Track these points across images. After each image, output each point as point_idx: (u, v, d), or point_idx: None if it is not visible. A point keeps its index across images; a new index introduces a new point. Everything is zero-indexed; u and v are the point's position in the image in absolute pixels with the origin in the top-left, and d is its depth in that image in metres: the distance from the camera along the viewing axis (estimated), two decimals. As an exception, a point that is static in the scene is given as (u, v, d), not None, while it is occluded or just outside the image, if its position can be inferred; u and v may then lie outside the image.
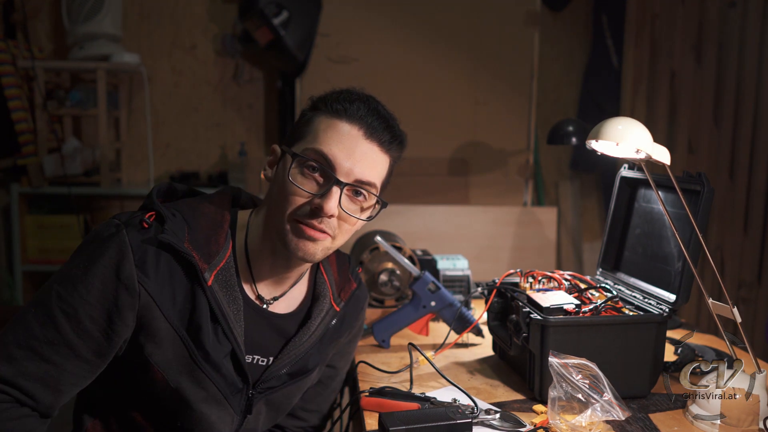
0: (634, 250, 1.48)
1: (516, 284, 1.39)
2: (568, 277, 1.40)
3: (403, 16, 3.15)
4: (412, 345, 1.33)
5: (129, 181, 3.36)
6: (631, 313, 1.25)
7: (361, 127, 1.02)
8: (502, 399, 1.23)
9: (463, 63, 3.20)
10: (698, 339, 1.57)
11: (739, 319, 1.12)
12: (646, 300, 1.31)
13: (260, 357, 1.09)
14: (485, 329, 1.52)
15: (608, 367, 1.08)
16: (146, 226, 0.98)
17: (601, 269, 1.53)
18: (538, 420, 1.12)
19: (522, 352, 1.28)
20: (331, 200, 0.99)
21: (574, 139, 2.18)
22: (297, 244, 1.01)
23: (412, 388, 1.25)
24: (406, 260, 1.59)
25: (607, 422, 1.06)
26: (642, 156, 1.14)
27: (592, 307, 1.24)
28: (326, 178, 1.01)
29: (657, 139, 1.14)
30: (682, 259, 1.25)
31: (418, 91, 3.17)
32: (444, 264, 1.84)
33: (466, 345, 1.54)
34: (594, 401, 1.03)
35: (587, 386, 1.04)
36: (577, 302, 1.25)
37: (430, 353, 1.44)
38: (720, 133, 2.80)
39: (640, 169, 1.40)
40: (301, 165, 1.02)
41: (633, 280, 1.43)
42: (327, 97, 1.06)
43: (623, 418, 1.04)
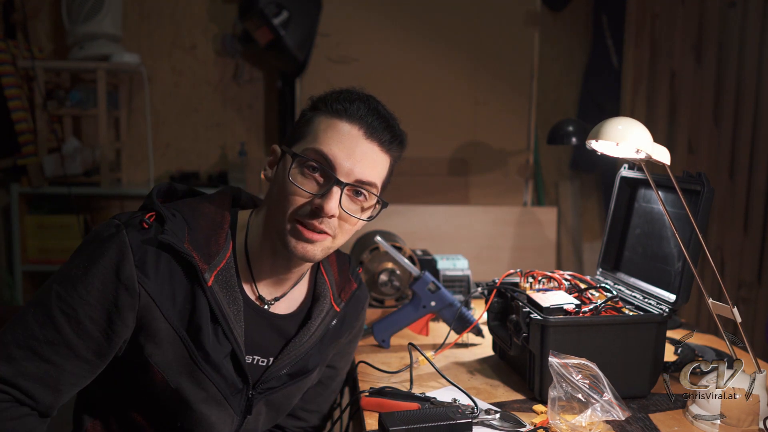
0: (634, 250, 1.48)
1: (516, 284, 1.39)
2: (568, 277, 1.40)
3: (403, 16, 3.15)
4: (412, 345, 1.33)
5: (129, 181, 3.37)
6: (631, 313, 1.25)
7: (362, 127, 1.02)
8: (502, 399, 1.23)
9: (463, 63, 3.20)
10: (698, 339, 1.57)
11: (739, 319, 1.12)
12: (646, 300, 1.31)
13: (260, 357, 1.09)
14: (485, 329, 1.52)
15: (608, 367, 1.08)
16: (146, 227, 0.98)
17: (601, 269, 1.53)
18: (538, 420, 1.12)
19: (522, 352, 1.28)
20: (332, 200, 0.99)
21: (574, 139, 2.18)
22: (296, 245, 1.01)
23: (412, 388, 1.25)
24: (406, 260, 1.59)
25: (607, 422, 1.06)
26: (642, 156, 1.14)
27: (592, 307, 1.24)
28: (326, 178, 1.01)
29: (657, 139, 1.14)
30: (682, 259, 1.25)
31: (418, 91, 3.17)
32: (444, 264, 1.84)
33: (466, 345, 1.54)
34: (594, 401, 1.03)
35: (587, 386, 1.04)
36: (577, 302, 1.25)
37: (430, 353, 1.44)
38: (720, 133, 2.80)
39: (640, 169, 1.40)
40: (301, 165, 1.01)
41: (633, 280, 1.43)
42: (327, 97, 1.05)
43: (623, 418, 1.04)
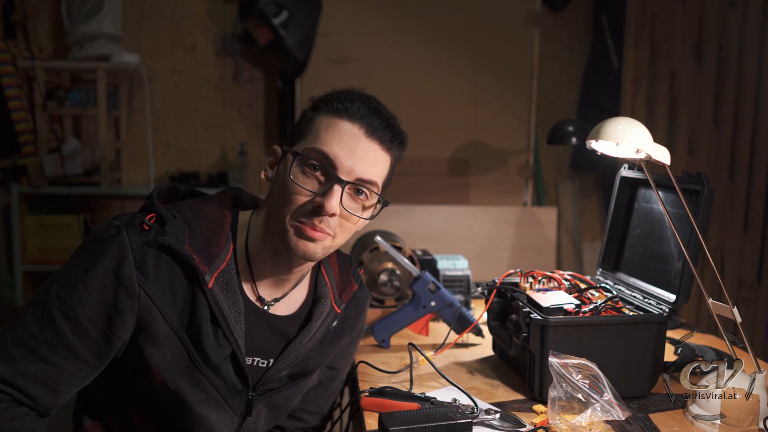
0: (634, 250, 1.48)
1: (516, 284, 1.39)
2: (568, 277, 1.40)
3: (403, 16, 3.15)
4: (412, 345, 1.33)
5: (129, 181, 3.37)
6: (631, 313, 1.25)
7: (362, 126, 1.02)
8: (502, 399, 1.23)
9: (463, 63, 3.20)
10: (698, 339, 1.57)
11: (739, 319, 1.12)
12: (646, 300, 1.31)
13: (260, 359, 1.09)
14: (485, 329, 1.52)
15: (608, 367, 1.08)
16: (146, 228, 0.98)
17: (601, 269, 1.53)
18: (538, 420, 1.12)
19: (522, 352, 1.28)
20: (333, 198, 0.99)
21: (574, 139, 2.18)
22: (297, 244, 1.01)
23: (412, 388, 1.25)
24: (406, 260, 1.59)
25: (607, 422, 1.06)
26: (642, 156, 1.14)
27: (592, 307, 1.24)
28: (327, 177, 1.01)
29: (657, 139, 1.14)
30: (682, 259, 1.25)
31: (418, 91, 3.17)
32: (444, 264, 1.84)
33: (466, 345, 1.54)
34: (594, 401, 1.03)
35: (587, 386, 1.04)
36: (577, 302, 1.25)
37: (430, 353, 1.44)
38: (720, 133, 2.80)
39: (640, 169, 1.40)
40: (302, 164, 1.02)
41: (633, 280, 1.43)
42: (328, 96, 1.06)
43: (623, 418, 1.04)
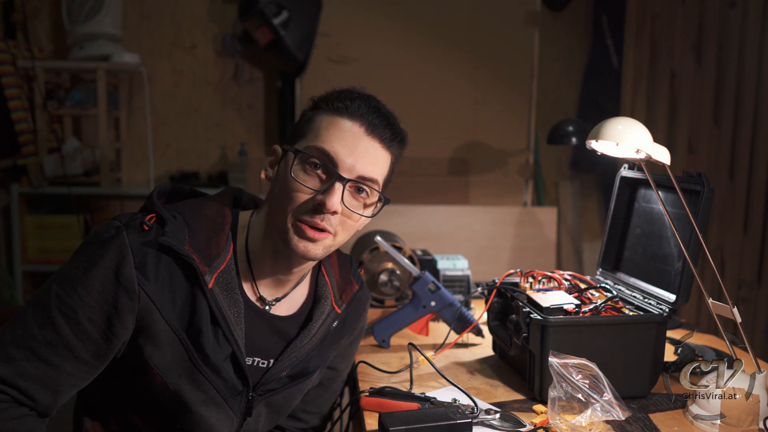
0: (634, 250, 1.48)
1: (516, 284, 1.39)
2: (568, 277, 1.40)
3: (403, 16, 3.15)
4: (412, 345, 1.33)
5: (129, 181, 3.37)
6: (631, 313, 1.25)
7: (363, 124, 1.03)
8: (502, 399, 1.23)
9: (463, 63, 3.20)
10: (698, 339, 1.57)
11: (739, 319, 1.12)
12: (646, 300, 1.31)
13: (260, 359, 1.09)
14: (485, 329, 1.52)
15: (608, 367, 1.08)
16: (146, 229, 0.98)
17: (601, 269, 1.53)
18: (538, 420, 1.12)
19: (522, 352, 1.28)
20: (334, 196, 0.99)
21: (574, 139, 2.18)
22: (297, 244, 1.01)
23: (412, 388, 1.25)
24: (406, 260, 1.59)
25: (607, 422, 1.06)
26: (642, 156, 1.14)
27: (592, 307, 1.24)
28: (329, 175, 1.01)
29: (657, 139, 1.14)
30: (682, 259, 1.25)
31: (418, 91, 3.17)
32: (444, 264, 1.84)
33: (466, 345, 1.54)
34: (594, 401, 1.03)
35: (587, 386, 1.04)
36: (577, 302, 1.25)
37: (430, 353, 1.44)
38: (720, 133, 2.80)
39: (640, 169, 1.40)
40: (303, 162, 1.02)
41: (633, 280, 1.43)
42: (328, 96, 1.06)
43: (623, 418, 1.04)
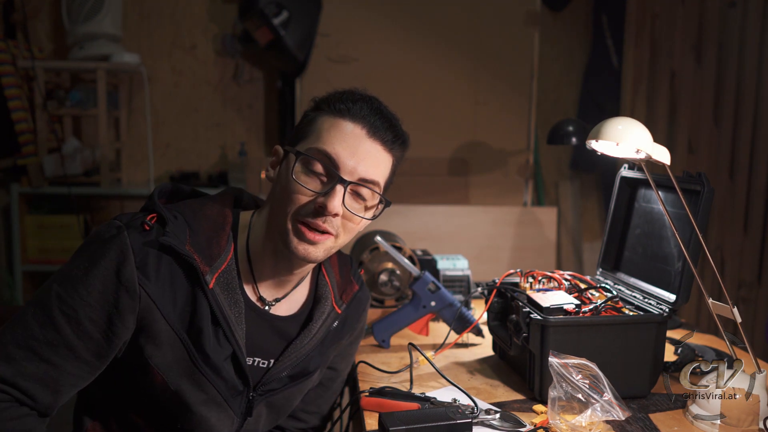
0: (634, 250, 1.48)
1: (516, 284, 1.39)
2: (568, 277, 1.40)
3: (403, 16, 3.15)
4: (412, 345, 1.33)
5: (129, 181, 3.37)
6: (631, 313, 1.25)
7: (364, 126, 1.02)
8: (502, 399, 1.23)
9: (463, 63, 3.20)
10: (698, 339, 1.57)
11: (739, 319, 1.12)
12: (646, 300, 1.31)
13: (261, 359, 1.09)
14: (485, 329, 1.52)
15: (608, 367, 1.08)
16: (147, 228, 0.98)
17: (601, 269, 1.53)
18: (538, 420, 1.12)
19: (522, 352, 1.28)
20: (335, 198, 0.99)
21: (574, 139, 2.18)
22: (297, 246, 1.01)
23: (412, 388, 1.25)
24: (406, 260, 1.59)
25: (607, 422, 1.06)
26: (642, 156, 1.14)
27: (592, 307, 1.24)
28: (330, 177, 1.01)
29: (657, 139, 1.14)
30: (682, 259, 1.25)
31: (418, 91, 3.17)
32: (444, 264, 1.84)
33: (466, 345, 1.54)
34: (594, 401, 1.03)
35: (587, 386, 1.04)
36: (577, 302, 1.25)
37: (430, 353, 1.44)
38: (720, 133, 2.80)
39: (640, 169, 1.40)
40: (304, 164, 1.02)
41: (633, 280, 1.43)
42: (330, 97, 1.06)
43: (623, 418, 1.04)
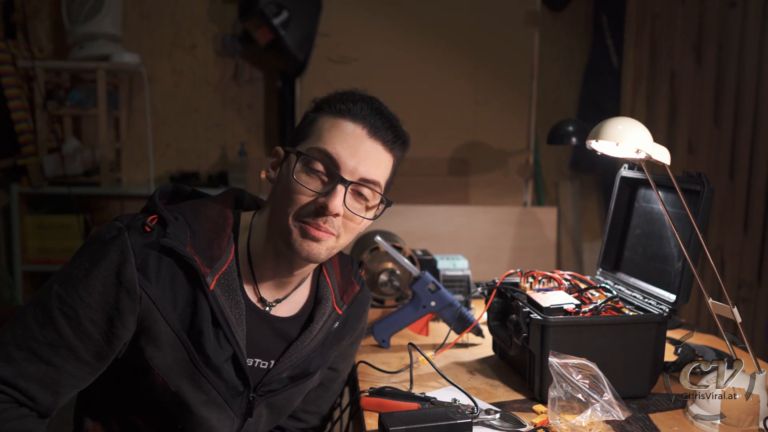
0: (634, 250, 1.48)
1: (516, 284, 1.39)
2: (568, 277, 1.40)
3: (403, 16, 3.15)
4: (412, 345, 1.33)
5: (129, 181, 3.37)
6: (631, 313, 1.25)
7: (365, 127, 1.03)
8: (502, 399, 1.23)
9: (463, 63, 3.20)
10: (698, 339, 1.57)
11: (739, 319, 1.12)
12: (646, 300, 1.31)
13: (261, 360, 1.09)
14: (485, 329, 1.52)
15: (608, 367, 1.08)
16: (148, 230, 0.98)
17: (601, 269, 1.53)
18: (538, 420, 1.12)
19: (522, 352, 1.28)
20: (336, 199, 0.99)
21: (574, 139, 2.18)
22: (301, 245, 1.01)
23: (412, 388, 1.25)
24: (406, 260, 1.59)
25: (607, 422, 1.06)
26: (642, 156, 1.14)
27: (592, 307, 1.24)
28: (331, 177, 1.01)
29: (657, 139, 1.14)
30: (682, 259, 1.25)
31: (418, 91, 3.17)
32: (444, 264, 1.84)
33: (466, 345, 1.54)
34: (594, 401, 1.03)
35: (587, 386, 1.04)
36: (577, 302, 1.25)
37: (430, 353, 1.44)
38: (720, 133, 2.80)
39: (640, 169, 1.40)
40: (305, 164, 1.02)
41: (633, 280, 1.43)
42: (330, 98, 1.06)
43: (623, 418, 1.04)
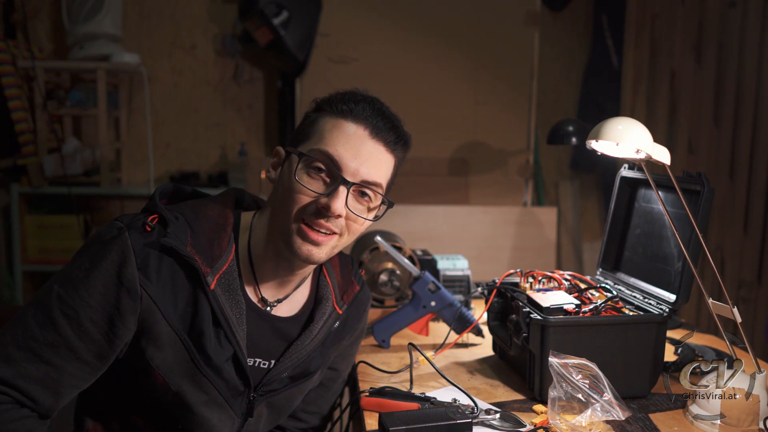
0: (634, 250, 1.48)
1: (516, 284, 1.39)
2: (568, 277, 1.40)
3: (403, 16, 3.15)
4: (412, 345, 1.33)
5: (129, 181, 3.36)
6: (631, 313, 1.25)
7: (367, 127, 1.02)
8: (502, 399, 1.23)
9: (463, 63, 3.20)
10: (698, 339, 1.57)
11: (739, 319, 1.12)
12: (646, 300, 1.31)
13: (262, 360, 1.09)
14: (485, 329, 1.52)
15: (608, 367, 1.08)
16: (149, 230, 0.98)
17: (601, 269, 1.53)
18: (538, 420, 1.12)
19: (522, 352, 1.28)
20: (338, 200, 0.99)
21: (574, 139, 2.18)
22: (300, 247, 1.01)
23: (412, 388, 1.25)
24: (406, 260, 1.59)
25: (607, 422, 1.06)
26: (642, 156, 1.14)
27: (592, 307, 1.24)
28: (333, 178, 1.01)
29: (657, 139, 1.14)
30: (682, 259, 1.25)
31: (418, 91, 3.17)
32: (444, 264, 1.84)
33: (466, 345, 1.54)
34: (594, 401, 1.03)
35: (587, 386, 1.04)
36: (577, 302, 1.25)
37: (430, 353, 1.44)
38: (720, 133, 2.80)
39: (640, 169, 1.40)
40: (307, 165, 1.02)
41: (633, 280, 1.43)
42: (331, 98, 1.06)
43: (623, 418, 1.04)
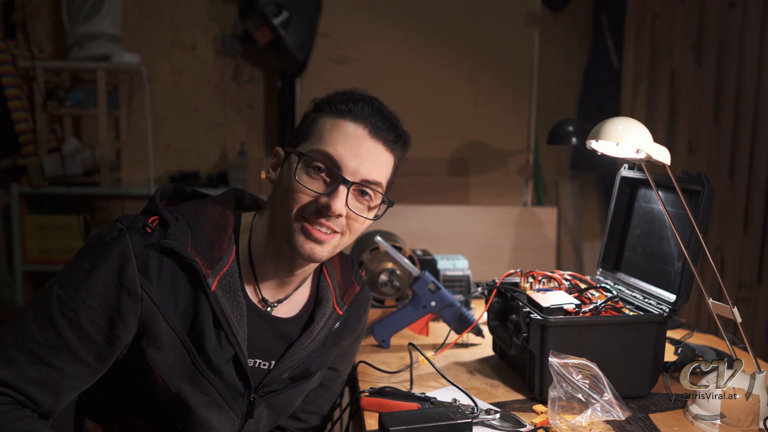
0: (634, 250, 1.48)
1: (516, 284, 1.39)
2: (568, 277, 1.40)
3: (403, 16, 3.15)
4: (412, 345, 1.33)
5: (129, 181, 3.36)
6: (631, 313, 1.25)
7: (366, 127, 1.03)
8: (502, 399, 1.23)
9: (463, 63, 3.20)
10: (698, 339, 1.57)
11: (739, 319, 1.12)
12: (646, 300, 1.31)
13: (262, 361, 1.09)
14: (485, 329, 1.53)
15: (608, 367, 1.08)
16: (149, 231, 0.98)
17: (601, 269, 1.53)
18: (538, 420, 1.12)
19: (522, 352, 1.28)
20: (339, 199, 0.99)
21: (574, 139, 2.18)
22: (303, 245, 1.01)
23: (412, 388, 1.25)
24: (406, 260, 1.59)
25: (607, 422, 1.06)
26: (642, 156, 1.14)
27: (592, 307, 1.24)
28: (333, 178, 1.01)
29: (657, 139, 1.14)
30: (682, 259, 1.25)
31: (418, 91, 3.17)
32: (444, 264, 1.84)
33: (466, 345, 1.54)
34: (594, 401, 1.03)
35: (587, 386, 1.04)
36: (577, 302, 1.25)
37: (430, 353, 1.44)
38: (720, 133, 2.80)
39: (640, 169, 1.40)
40: (307, 165, 1.02)
41: (633, 280, 1.43)
42: (331, 98, 1.06)
43: (623, 418, 1.04)
